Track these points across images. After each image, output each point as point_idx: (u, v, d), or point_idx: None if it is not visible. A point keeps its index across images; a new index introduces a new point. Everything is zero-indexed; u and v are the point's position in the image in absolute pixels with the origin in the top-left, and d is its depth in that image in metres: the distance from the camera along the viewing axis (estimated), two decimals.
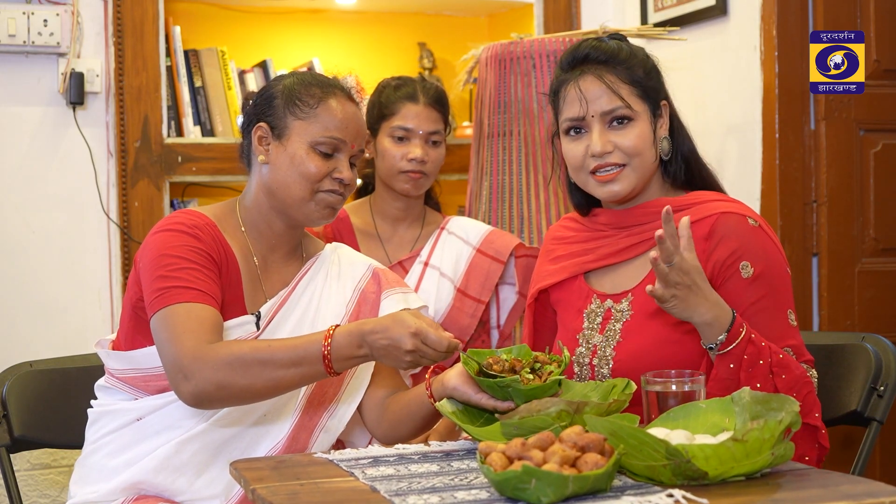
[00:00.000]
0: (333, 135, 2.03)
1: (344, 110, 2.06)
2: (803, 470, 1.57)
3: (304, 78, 2.09)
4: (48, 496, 3.30)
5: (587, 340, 2.03)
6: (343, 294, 2.13)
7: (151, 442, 1.97)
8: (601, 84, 1.98)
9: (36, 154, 3.34)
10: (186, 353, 1.82)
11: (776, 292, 1.92)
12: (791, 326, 1.93)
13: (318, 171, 2.02)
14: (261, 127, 2.06)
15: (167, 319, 1.86)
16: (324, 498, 1.50)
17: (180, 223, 1.98)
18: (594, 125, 1.99)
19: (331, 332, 1.81)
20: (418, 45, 4.14)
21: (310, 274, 2.12)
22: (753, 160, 3.29)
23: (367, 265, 2.20)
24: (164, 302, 1.88)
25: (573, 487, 1.40)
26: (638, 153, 1.98)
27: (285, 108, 2.05)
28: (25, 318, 3.32)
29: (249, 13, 3.99)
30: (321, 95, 2.05)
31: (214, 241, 1.99)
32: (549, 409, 1.65)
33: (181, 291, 1.88)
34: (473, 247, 2.76)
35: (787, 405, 1.55)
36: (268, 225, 2.09)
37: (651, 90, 2.02)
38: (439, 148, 2.74)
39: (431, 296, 2.68)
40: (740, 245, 1.92)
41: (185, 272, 1.91)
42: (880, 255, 3.28)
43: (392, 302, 2.12)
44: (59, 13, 3.30)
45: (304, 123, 2.03)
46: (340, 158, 2.05)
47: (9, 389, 2.26)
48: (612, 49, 2.01)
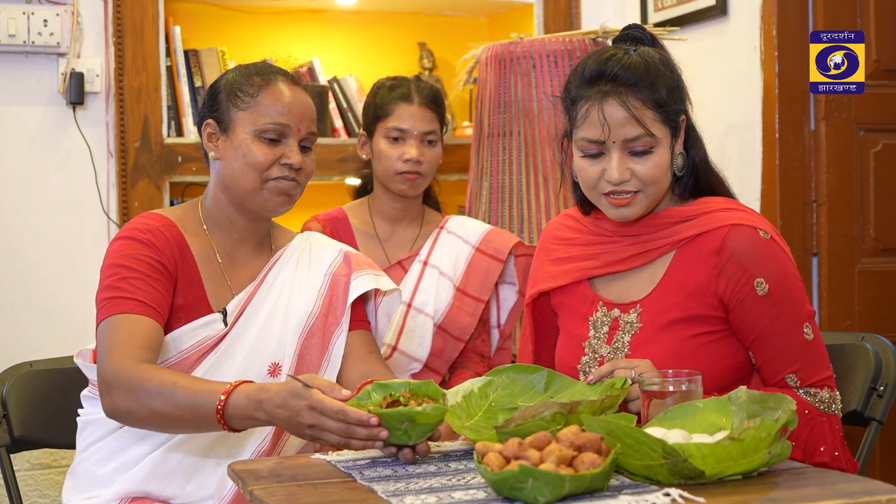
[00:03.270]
0: (276, 120, 2.02)
1: (287, 95, 2.04)
2: (800, 469, 1.57)
3: (245, 69, 2.08)
4: (48, 496, 3.31)
5: (594, 350, 2.00)
6: (314, 280, 2.11)
7: (137, 448, 1.98)
8: (626, 111, 1.88)
9: (36, 154, 3.34)
10: (108, 368, 1.85)
11: (793, 307, 1.90)
12: (806, 343, 1.90)
13: (265, 159, 2.01)
14: (209, 124, 2.06)
15: (104, 331, 1.90)
16: (321, 499, 1.50)
17: (134, 229, 1.99)
18: (613, 151, 1.90)
19: (228, 389, 1.75)
20: (418, 45, 4.15)
21: (279, 264, 2.11)
22: (753, 160, 3.29)
23: (338, 249, 2.17)
24: (105, 313, 1.91)
25: (570, 487, 1.40)
26: (654, 182, 1.92)
27: (228, 101, 2.04)
28: (25, 318, 3.32)
29: (249, 13, 3.99)
30: (261, 83, 2.04)
31: (170, 243, 2.00)
32: (543, 413, 1.64)
33: (121, 302, 1.91)
34: (473, 246, 2.76)
35: (784, 404, 1.55)
36: (229, 220, 2.08)
37: (672, 111, 1.93)
38: (435, 148, 2.74)
39: (431, 295, 2.68)
40: (753, 262, 1.88)
41: (127, 282, 1.92)
42: (880, 255, 3.28)
43: (361, 283, 2.10)
44: (59, 13, 3.30)
45: (247, 113, 2.03)
46: (288, 143, 2.03)
47: (9, 389, 2.26)
48: (640, 70, 1.90)
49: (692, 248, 1.94)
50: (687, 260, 1.94)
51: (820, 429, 1.87)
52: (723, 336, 1.92)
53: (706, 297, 1.91)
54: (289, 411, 1.67)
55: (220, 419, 1.74)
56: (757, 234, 1.90)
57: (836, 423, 1.90)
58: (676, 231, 1.95)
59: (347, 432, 1.63)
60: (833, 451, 1.87)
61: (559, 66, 3.00)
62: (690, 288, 1.92)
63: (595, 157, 1.92)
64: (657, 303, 1.95)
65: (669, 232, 1.96)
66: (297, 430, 1.70)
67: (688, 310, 1.92)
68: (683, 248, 1.95)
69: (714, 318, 1.92)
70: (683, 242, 1.95)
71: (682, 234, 1.95)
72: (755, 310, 1.89)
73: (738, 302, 1.89)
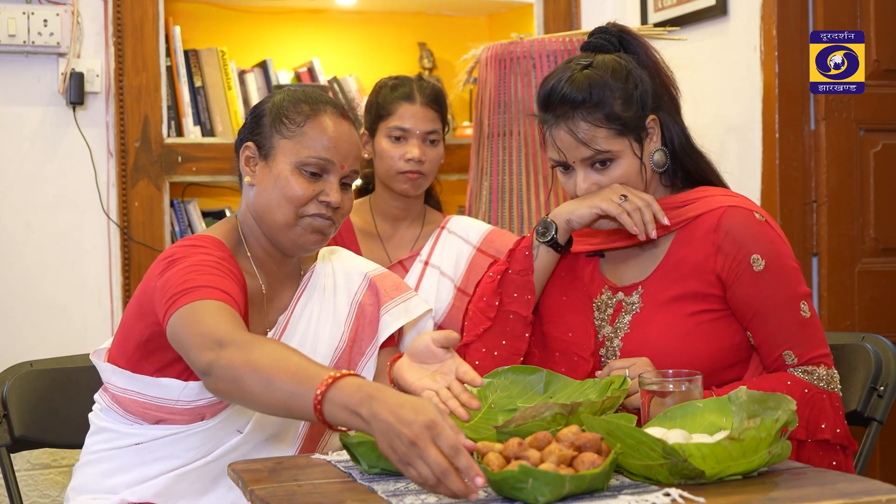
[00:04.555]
0: (321, 155, 1.92)
1: (334, 129, 1.94)
2: (800, 469, 1.57)
3: (293, 94, 1.98)
4: (48, 496, 3.31)
5: (597, 331, 2.03)
6: (340, 311, 2.04)
7: (150, 468, 1.91)
8: (572, 137, 1.93)
9: (36, 154, 3.34)
10: (223, 328, 1.64)
11: (789, 284, 1.92)
12: (803, 320, 1.92)
13: (303, 194, 1.91)
14: (248, 147, 1.97)
15: (194, 312, 1.70)
16: (321, 499, 1.50)
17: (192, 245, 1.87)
18: (577, 168, 1.97)
19: (341, 372, 1.50)
20: (418, 45, 4.14)
21: (306, 293, 2.04)
22: (753, 160, 3.29)
23: (362, 275, 2.09)
24: (188, 299, 1.72)
25: (570, 487, 1.40)
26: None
27: (272, 126, 1.95)
28: (25, 318, 3.32)
29: (249, 13, 3.99)
30: (309, 112, 1.94)
31: (230, 261, 1.89)
32: (544, 413, 1.64)
33: (208, 291, 1.73)
34: (474, 246, 2.76)
35: (784, 404, 1.55)
36: (262, 248, 1.99)
37: (631, 120, 1.95)
38: (437, 147, 2.74)
39: (431, 295, 2.68)
40: (749, 239, 1.92)
41: (208, 277, 1.77)
42: (880, 255, 3.28)
43: (392, 317, 2.04)
44: (59, 13, 3.30)
45: (291, 143, 1.93)
46: (329, 180, 1.94)
47: (9, 389, 2.26)
48: (584, 87, 1.92)
49: (691, 228, 1.97)
50: (686, 240, 1.97)
51: (821, 406, 1.88)
52: (721, 316, 1.94)
53: (704, 274, 1.94)
54: (397, 419, 1.38)
55: (320, 398, 1.47)
56: (752, 216, 1.95)
57: (837, 401, 1.91)
58: (676, 215, 1.99)
59: (445, 474, 1.34)
60: (835, 428, 1.88)
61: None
62: (689, 266, 1.96)
63: (566, 169, 2.00)
64: (657, 282, 1.99)
65: (669, 216, 1.98)
66: (389, 441, 1.38)
67: (686, 287, 1.95)
68: (682, 230, 1.98)
69: (713, 297, 1.94)
70: (682, 224, 1.98)
71: (682, 216, 1.98)
72: (752, 286, 1.91)
73: (736, 278, 1.92)
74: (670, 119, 2.02)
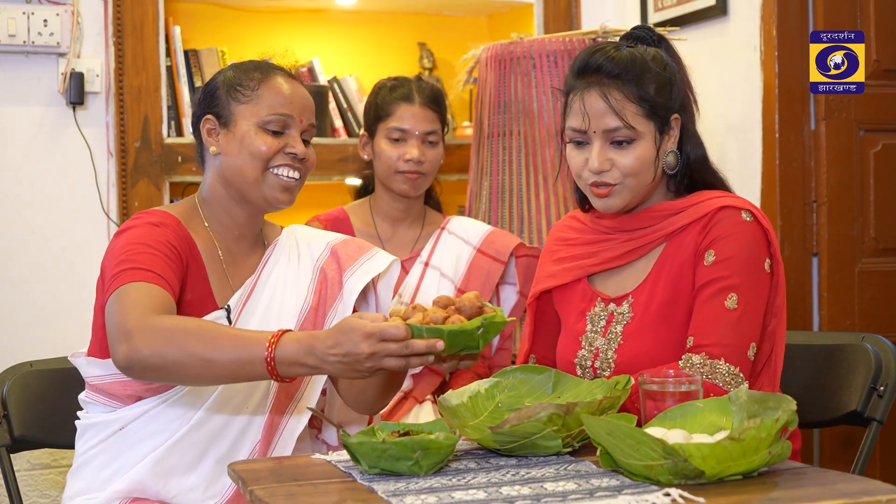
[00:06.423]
0: (279, 111, 2.03)
1: (288, 87, 2.06)
2: (800, 469, 1.57)
3: (242, 65, 2.10)
4: (48, 496, 3.31)
5: (590, 343, 2.03)
6: (304, 276, 2.12)
7: (137, 450, 1.97)
8: (605, 102, 1.94)
9: (36, 154, 3.34)
10: (133, 318, 1.77)
11: (737, 283, 1.89)
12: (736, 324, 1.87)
13: (268, 149, 2.02)
14: (208, 119, 2.06)
15: (120, 295, 1.82)
16: (322, 499, 1.50)
17: (145, 220, 1.98)
18: (595, 140, 1.96)
19: (277, 334, 1.72)
20: (418, 45, 4.15)
21: (272, 259, 2.11)
22: (753, 160, 3.29)
23: (324, 243, 2.18)
24: (120, 281, 1.84)
25: (427, 335, 1.66)
26: (634, 174, 1.96)
27: (227, 96, 2.05)
28: (25, 318, 3.32)
29: (249, 13, 3.99)
30: (261, 77, 2.05)
31: (179, 237, 1.99)
32: (539, 413, 1.64)
33: (138, 272, 1.86)
34: (474, 247, 2.76)
35: (784, 404, 1.55)
36: (229, 216, 2.08)
37: (660, 107, 1.97)
38: (437, 148, 2.74)
39: (432, 296, 2.68)
40: (721, 235, 1.92)
41: (143, 256, 1.89)
42: (880, 255, 3.28)
43: (358, 277, 2.11)
44: (59, 13, 3.30)
45: (249, 106, 2.03)
46: (291, 134, 2.04)
47: (9, 389, 2.26)
48: (625, 62, 1.95)
49: (682, 236, 1.98)
50: (676, 247, 1.98)
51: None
52: None
53: (690, 276, 1.95)
54: (343, 348, 1.66)
55: (270, 361, 1.70)
56: (738, 214, 1.95)
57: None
58: (670, 223, 1.99)
59: (408, 348, 1.65)
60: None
61: (559, 66, 3.00)
62: (676, 269, 1.96)
63: (580, 145, 1.99)
64: (647, 291, 1.99)
65: (663, 224, 2.00)
66: (355, 366, 1.67)
67: (675, 289, 1.96)
68: (673, 238, 1.99)
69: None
70: (674, 233, 1.98)
71: (675, 224, 1.98)
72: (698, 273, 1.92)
73: (693, 268, 1.94)
74: (690, 126, 2.03)
